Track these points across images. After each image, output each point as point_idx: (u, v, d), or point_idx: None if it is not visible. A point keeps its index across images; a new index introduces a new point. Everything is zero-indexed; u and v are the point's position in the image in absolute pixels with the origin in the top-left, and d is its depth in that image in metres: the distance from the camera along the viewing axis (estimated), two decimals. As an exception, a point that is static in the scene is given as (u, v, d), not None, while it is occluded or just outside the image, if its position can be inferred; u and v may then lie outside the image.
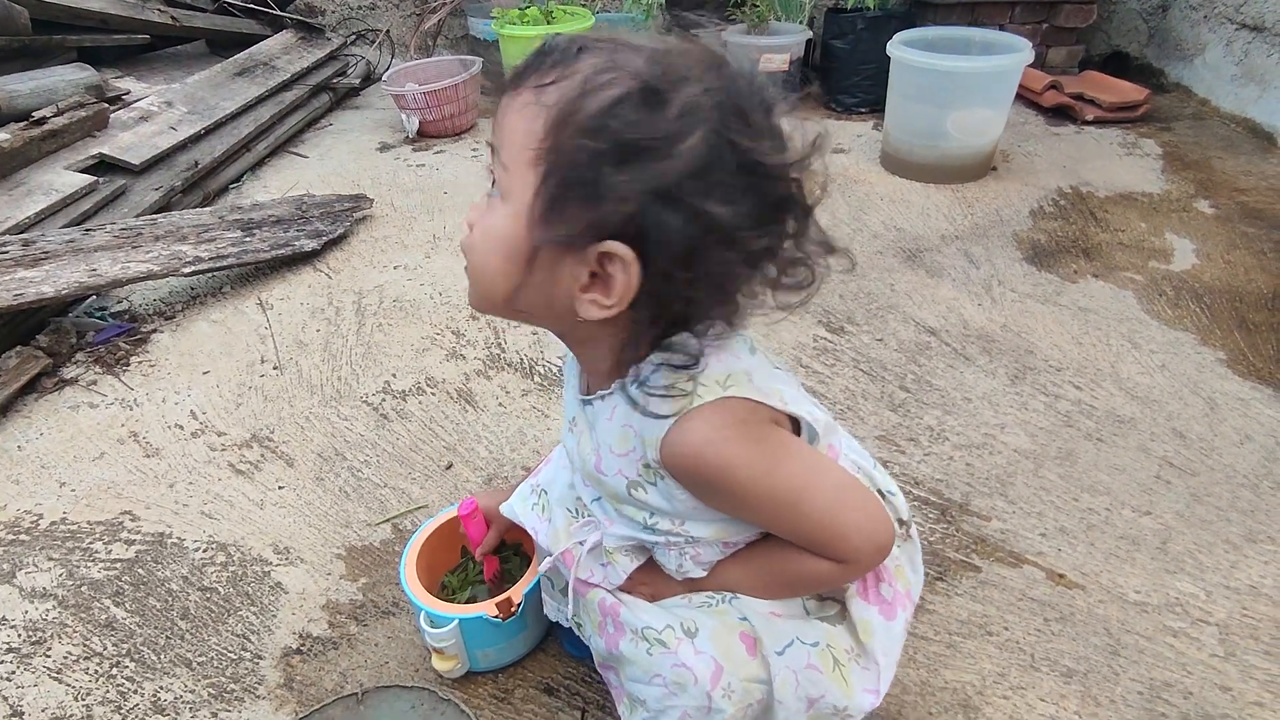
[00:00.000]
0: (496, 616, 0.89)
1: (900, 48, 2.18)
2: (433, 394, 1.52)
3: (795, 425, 0.66)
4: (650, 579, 0.74)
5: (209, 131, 2.35)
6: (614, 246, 0.51)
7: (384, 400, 1.51)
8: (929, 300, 1.74)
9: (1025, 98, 2.78)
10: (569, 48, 0.53)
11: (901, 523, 0.76)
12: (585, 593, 0.75)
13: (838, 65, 2.77)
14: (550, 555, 0.77)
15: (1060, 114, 2.71)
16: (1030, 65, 2.20)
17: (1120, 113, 2.63)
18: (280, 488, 1.31)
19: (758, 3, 2.75)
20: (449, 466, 1.34)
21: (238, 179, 2.43)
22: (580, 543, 0.73)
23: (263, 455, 1.38)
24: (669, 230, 0.50)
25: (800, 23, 2.87)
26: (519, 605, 0.90)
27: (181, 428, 1.45)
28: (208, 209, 2.01)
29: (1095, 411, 1.40)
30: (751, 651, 0.69)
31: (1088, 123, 2.63)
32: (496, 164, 0.56)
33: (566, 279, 0.55)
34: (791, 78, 2.78)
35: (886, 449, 1.33)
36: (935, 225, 2.05)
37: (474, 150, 2.65)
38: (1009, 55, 2.10)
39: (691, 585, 0.73)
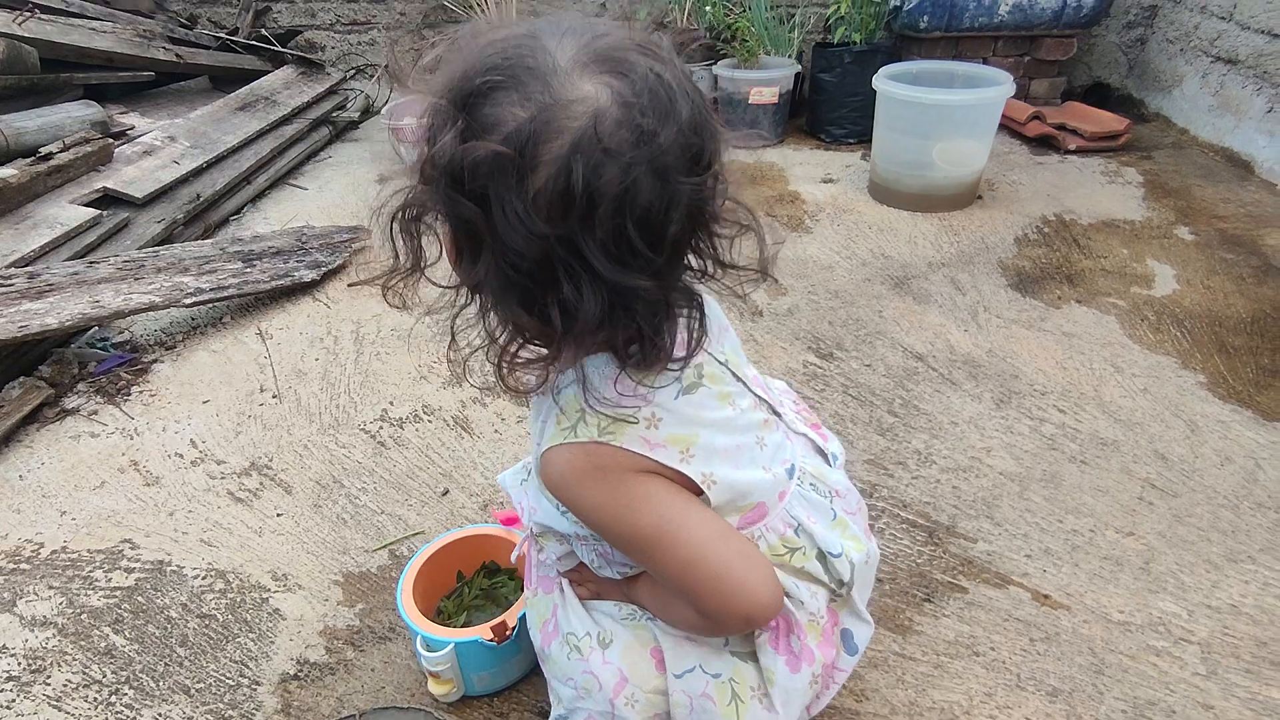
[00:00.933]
0: (491, 640, 0.91)
1: (885, 81, 2.25)
2: (430, 421, 1.54)
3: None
4: (592, 574, 0.78)
5: (210, 165, 2.40)
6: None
7: (381, 428, 1.53)
8: (916, 326, 1.78)
9: (1009, 128, 2.85)
10: None
11: (841, 584, 0.75)
12: (548, 591, 0.80)
13: (826, 98, 2.84)
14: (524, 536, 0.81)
15: (1044, 144, 2.78)
16: (1013, 97, 2.26)
17: (1102, 142, 2.70)
18: (279, 515, 1.33)
19: (747, 38, 2.83)
20: (445, 493, 1.36)
21: (238, 211, 2.47)
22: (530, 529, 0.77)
23: (261, 483, 1.40)
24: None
25: (789, 57, 2.95)
26: (514, 629, 0.92)
27: (181, 456, 1.47)
28: (209, 241, 2.05)
29: (1079, 434, 1.43)
30: (660, 667, 0.73)
31: (1070, 152, 2.70)
32: None
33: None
34: (781, 110, 2.86)
35: (875, 472, 1.36)
36: (922, 253, 2.10)
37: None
38: (991, 88, 2.17)
39: (621, 592, 0.77)
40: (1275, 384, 1.52)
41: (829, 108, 2.85)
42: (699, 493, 0.65)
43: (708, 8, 2.89)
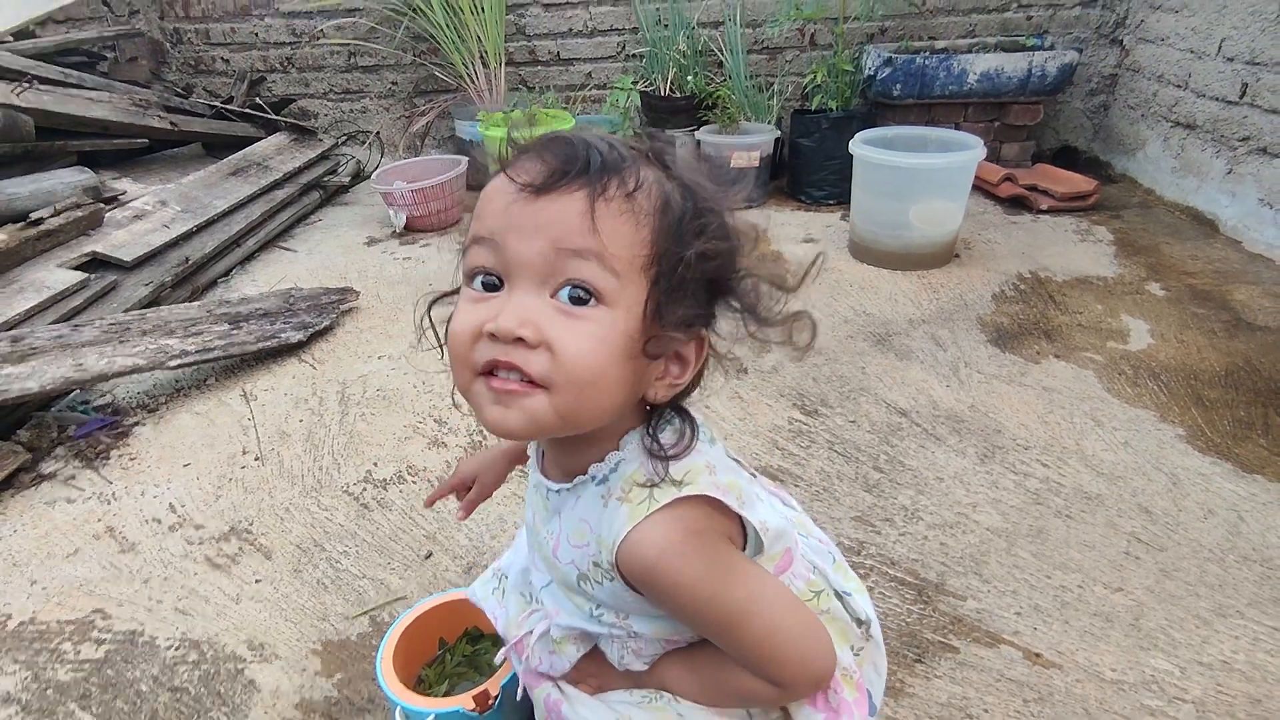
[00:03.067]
0: (474, 710, 0.88)
1: (862, 146, 2.33)
2: (414, 482, 1.53)
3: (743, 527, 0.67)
4: (597, 669, 0.74)
5: (201, 229, 2.43)
6: (704, 331, 0.60)
7: (365, 489, 1.51)
8: (899, 382, 1.80)
9: (983, 189, 2.95)
10: (617, 153, 0.56)
11: (860, 623, 0.75)
12: (536, 686, 0.76)
13: (805, 161, 2.94)
14: (507, 644, 0.78)
15: (1017, 204, 2.87)
16: (985, 159, 2.35)
17: (1072, 202, 2.79)
18: (257, 581, 1.30)
19: (728, 105, 2.93)
20: (429, 556, 1.34)
21: (227, 273, 2.49)
22: (529, 632, 0.73)
23: (240, 548, 1.37)
24: (718, 314, 0.61)
25: (769, 122, 3.06)
26: (496, 697, 0.90)
27: (159, 521, 1.44)
28: (196, 303, 2.06)
29: (1063, 489, 1.44)
30: None
31: (1043, 212, 2.79)
32: (590, 266, 0.54)
33: (650, 369, 0.60)
34: (762, 173, 2.94)
35: (863, 530, 1.35)
36: (903, 310, 2.14)
37: (460, 243, 2.74)
38: (963, 153, 2.25)
39: (635, 680, 0.73)
40: (1252, 436, 1.54)
41: (808, 171, 2.94)
42: (743, 545, 0.67)
43: (689, 77, 3.01)
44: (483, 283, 0.57)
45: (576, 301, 0.54)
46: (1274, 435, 1.54)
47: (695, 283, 0.57)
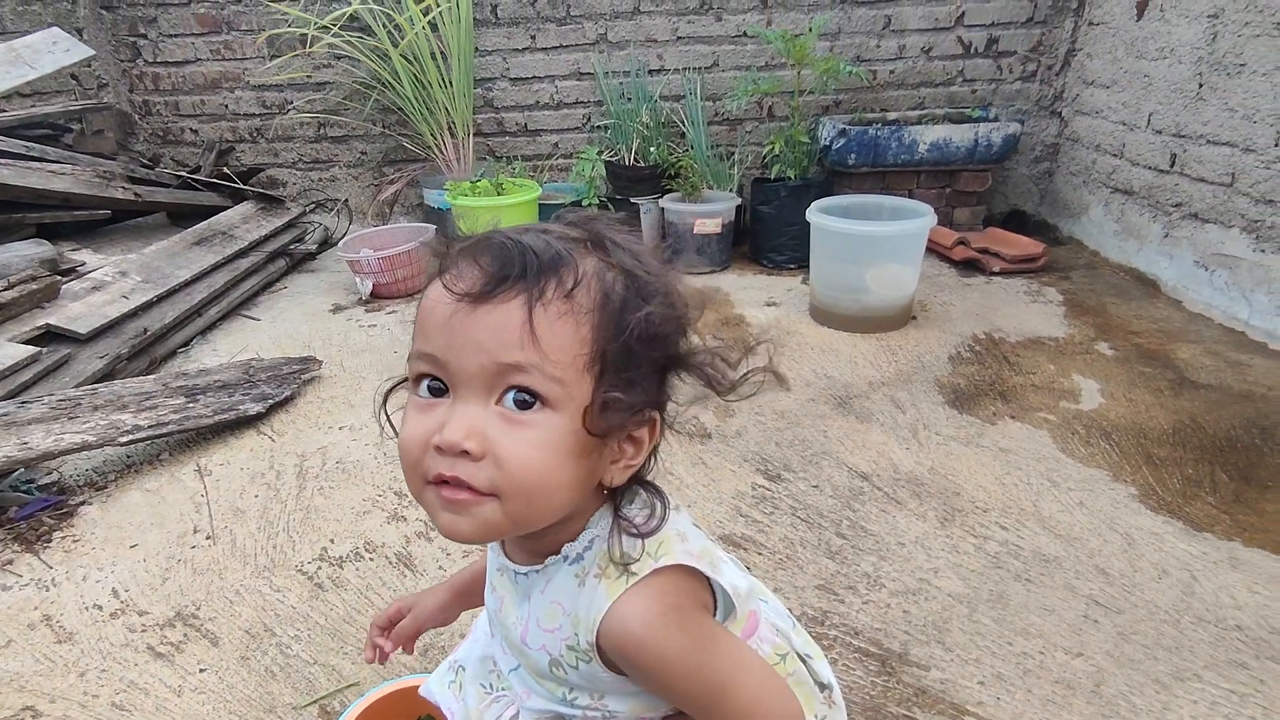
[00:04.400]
0: (422, 808, 0.85)
1: (818, 214, 2.41)
2: (371, 559, 1.49)
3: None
4: None
5: (161, 299, 2.41)
6: (655, 413, 0.60)
7: (320, 568, 1.47)
8: (860, 445, 1.82)
9: (938, 252, 3.05)
10: (553, 250, 0.56)
11: (823, 687, 0.76)
12: None
13: (765, 227, 3.02)
14: None
15: (970, 266, 2.97)
16: (939, 224, 2.44)
17: (1023, 264, 2.90)
18: (201, 670, 1.24)
19: (691, 174, 3.03)
20: (384, 638, 1.30)
21: (187, 343, 2.46)
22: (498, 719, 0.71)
23: (185, 635, 1.32)
24: (670, 389, 0.62)
25: (730, 191, 3.16)
26: (446, 794, 0.86)
27: (100, 608, 1.38)
28: (151, 376, 2.03)
29: (1022, 551, 1.45)
30: None
31: (995, 274, 2.89)
32: (532, 376, 0.54)
33: (604, 456, 0.60)
34: (725, 239, 3.02)
35: (826, 598, 1.35)
36: (863, 373, 2.18)
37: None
38: (915, 220, 2.34)
39: None
40: (1200, 494, 1.58)
41: (769, 236, 3.02)
42: (713, 611, 0.66)
43: (653, 148, 3.10)
44: (429, 388, 0.57)
45: (522, 405, 0.55)
46: (1221, 493, 1.58)
47: (643, 368, 0.58)
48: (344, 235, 3.26)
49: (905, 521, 1.55)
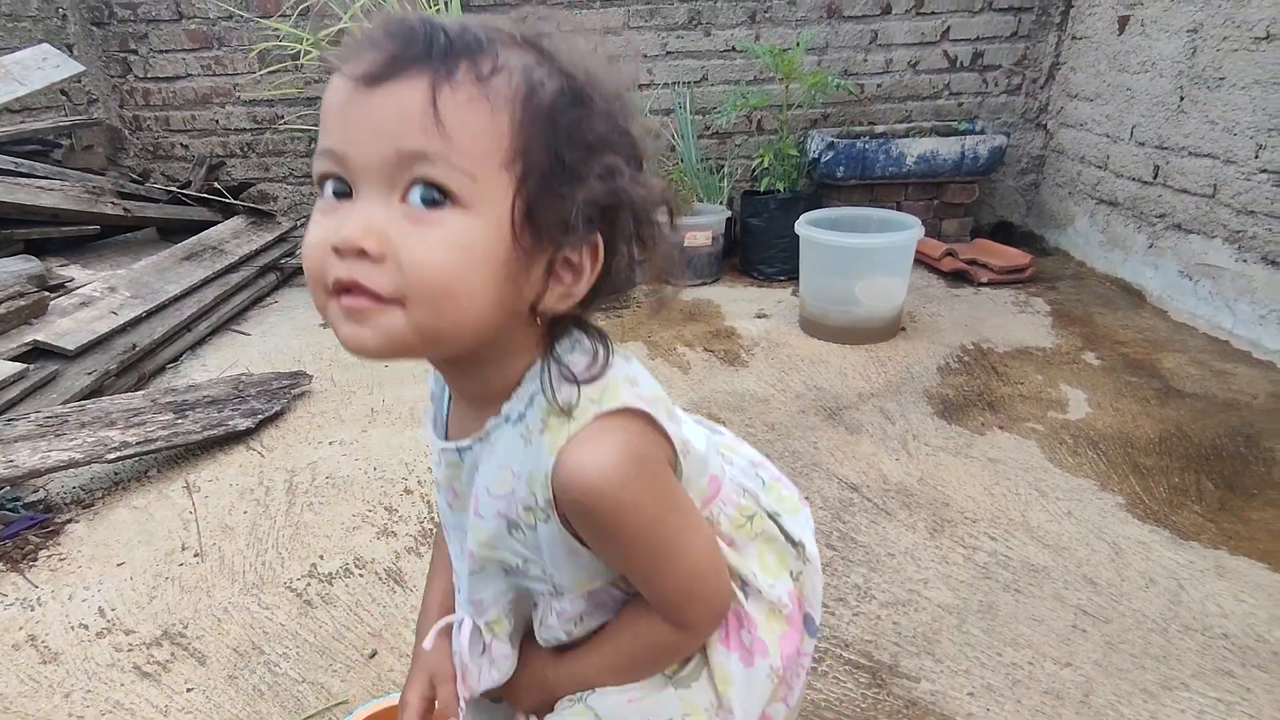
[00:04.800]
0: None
1: (806, 227, 2.43)
2: (361, 575, 1.49)
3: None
4: (531, 680, 0.72)
5: (150, 314, 2.40)
6: (596, 235, 0.54)
7: (309, 585, 1.46)
8: (850, 457, 1.82)
9: (926, 264, 3.07)
10: (470, 35, 0.50)
11: (795, 543, 0.76)
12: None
13: (755, 240, 3.04)
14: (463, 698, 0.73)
15: (958, 278, 2.99)
16: (926, 235, 2.46)
17: (1010, 275, 2.92)
18: (189, 690, 1.23)
19: (681, 187, 3.04)
20: (373, 655, 1.29)
21: (176, 359, 2.45)
22: (461, 628, 0.71)
23: (173, 654, 1.31)
24: (623, 210, 0.54)
25: (720, 203, 3.18)
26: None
27: (86, 627, 1.37)
28: (140, 392, 2.02)
29: (1011, 562, 1.45)
30: None
31: (983, 284, 2.91)
32: (438, 167, 0.48)
33: (536, 279, 0.54)
34: (715, 251, 3.03)
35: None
36: (852, 384, 2.19)
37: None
38: (902, 232, 2.36)
39: (552, 687, 0.71)
40: (1187, 503, 1.59)
41: (759, 249, 3.04)
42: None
43: (642, 161, 3.12)
44: (333, 190, 0.51)
45: (429, 204, 0.49)
46: (1207, 501, 1.59)
47: (578, 186, 0.52)
48: (335, 249, 3.26)
49: (895, 532, 1.55)
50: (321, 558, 1.54)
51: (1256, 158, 2.20)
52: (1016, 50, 3.30)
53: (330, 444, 1.96)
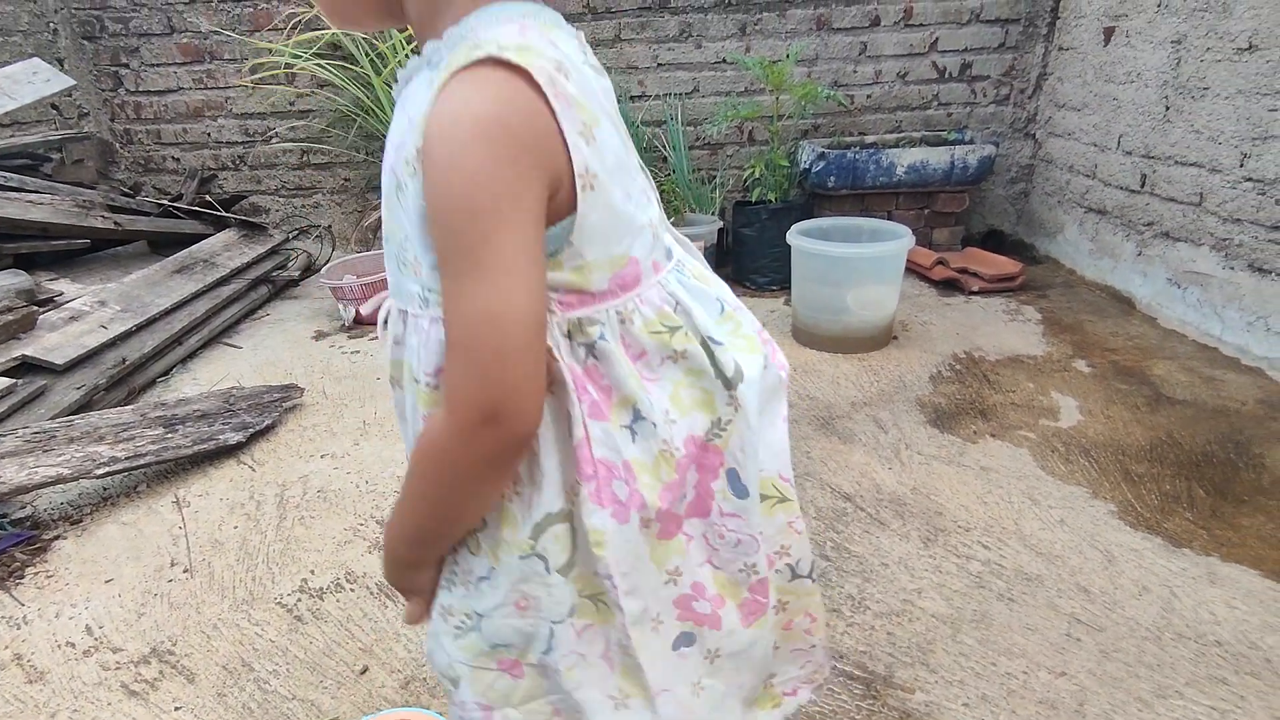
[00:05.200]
0: None
1: (798, 237, 2.43)
2: (352, 590, 1.48)
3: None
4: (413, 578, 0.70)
5: (140, 328, 2.39)
6: None
7: (299, 600, 1.45)
8: (843, 466, 1.82)
9: (918, 272, 3.09)
10: None
11: (728, 382, 0.64)
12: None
13: (747, 249, 3.05)
14: None
15: (949, 286, 3.00)
16: (918, 244, 2.47)
17: (1001, 283, 2.94)
18: (177, 709, 1.22)
19: (673, 197, 3.05)
20: (364, 671, 1.28)
21: (167, 373, 2.44)
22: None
23: (161, 672, 1.29)
24: None
25: (712, 214, 3.19)
26: (425, 832, 0.85)
27: (73, 646, 1.36)
28: (130, 407, 2.00)
29: (1004, 570, 1.45)
30: (518, 673, 0.65)
31: (974, 293, 2.92)
32: None
33: None
34: (708, 261, 3.03)
35: (810, 622, 1.34)
36: (845, 393, 2.19)
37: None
38: (893, 242, 2.37)
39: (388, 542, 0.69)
40: (1178, 510, 1.59)
41: (751, 259, 3.05)
42: (571, 207, 0.54)
43: (634, 172, 3.13)
44: None
45: None
46: (1198, 508, 1.60)
47: None
48: (327, 262, 3.26)
49: (888, 542, 1.55)
50: (312, 572, 1.52)
51: (1241, 166, 2.22)
52: (1004, 61, 3.33)
53: (322, 457, 1.94)
